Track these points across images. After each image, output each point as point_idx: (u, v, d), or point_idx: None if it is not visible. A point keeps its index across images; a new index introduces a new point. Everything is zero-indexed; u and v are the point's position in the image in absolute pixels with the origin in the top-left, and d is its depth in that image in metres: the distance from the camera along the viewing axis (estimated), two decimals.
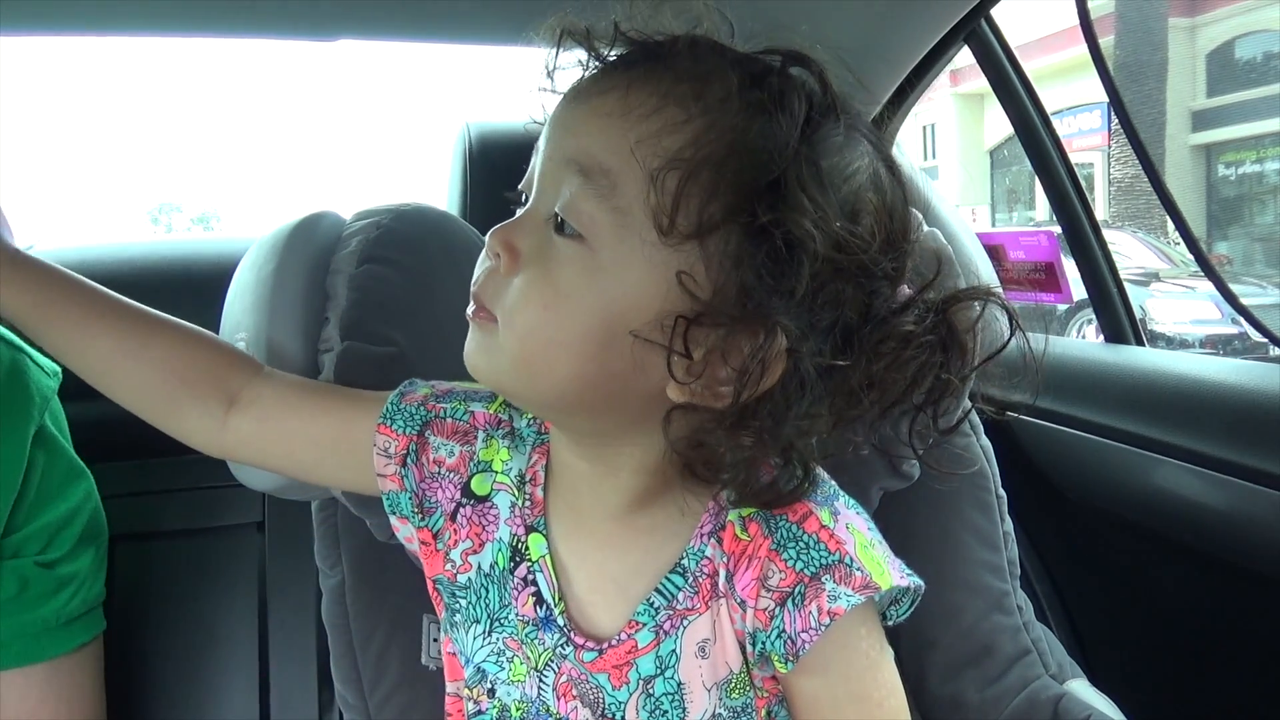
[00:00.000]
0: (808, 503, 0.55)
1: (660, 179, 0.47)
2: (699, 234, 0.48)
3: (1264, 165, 10.36)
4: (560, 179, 0.51)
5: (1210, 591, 1.05)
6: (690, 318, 0.48)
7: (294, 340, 0.76)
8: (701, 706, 0.56)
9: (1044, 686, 0.84)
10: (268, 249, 0.80)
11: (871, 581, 0.53)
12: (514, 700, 0.60)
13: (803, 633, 0.52)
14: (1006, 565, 0.91)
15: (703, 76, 0.49)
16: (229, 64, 79.79)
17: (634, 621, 0.56)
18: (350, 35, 1.22)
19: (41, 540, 0.74)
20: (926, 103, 1.95)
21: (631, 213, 0.49)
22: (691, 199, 0.47)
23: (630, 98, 0.49)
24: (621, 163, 0.49)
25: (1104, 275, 1.27)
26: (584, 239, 0.50)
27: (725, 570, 0.55)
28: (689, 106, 0.48)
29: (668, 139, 0.48)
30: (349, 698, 0.77)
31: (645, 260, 0.49)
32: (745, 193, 0.47)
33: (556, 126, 0.53)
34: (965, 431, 0.94)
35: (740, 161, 0.48)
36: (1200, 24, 10.23)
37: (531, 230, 0.52)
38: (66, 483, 0.77)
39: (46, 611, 0.73)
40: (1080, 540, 1.24)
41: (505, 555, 0.61)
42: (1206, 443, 0.97)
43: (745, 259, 0.48)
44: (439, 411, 0.64)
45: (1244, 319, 4.42)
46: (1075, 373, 1.20)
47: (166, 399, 0.66)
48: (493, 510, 0.62)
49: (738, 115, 0.48)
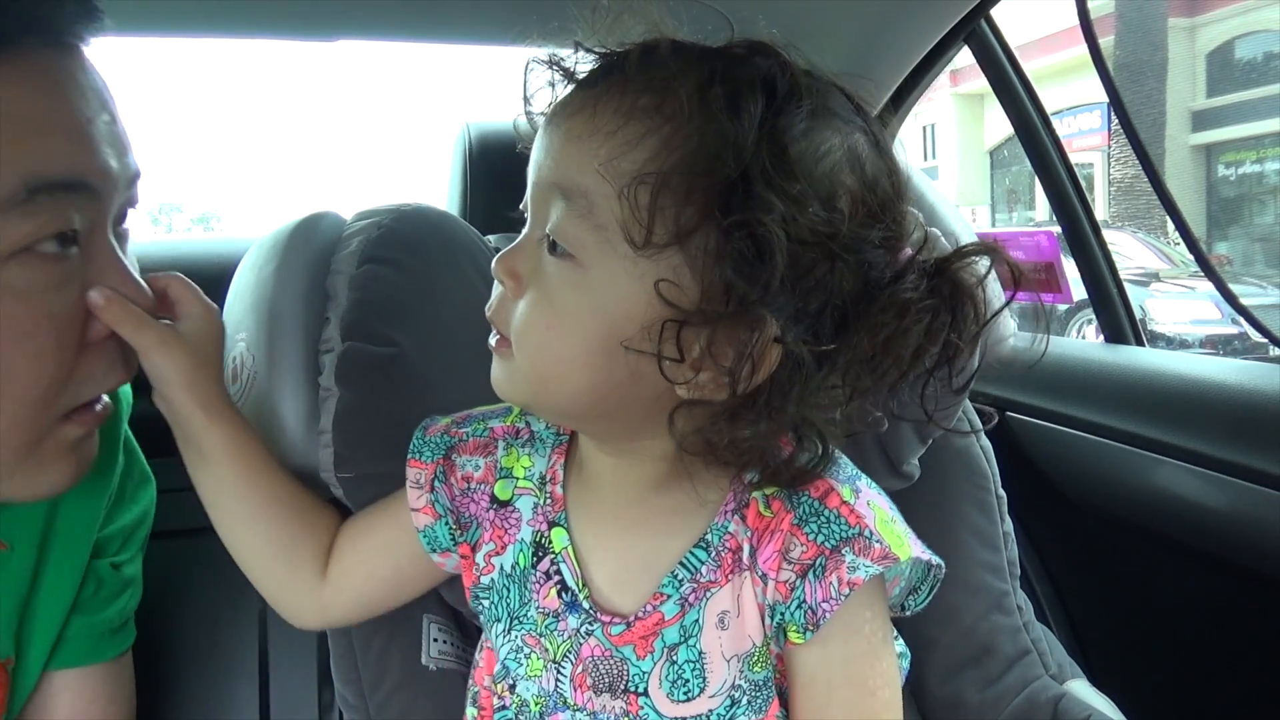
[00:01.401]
0: (829, 480, 0.57)
1: (631, 194, 0.49)
2: (678, 240, 0.49)
3: (1264, 165, 10.37)
4: (547, 202, 0.53)
5: (1210, 591, 1.06)
6: (681, 320, 0.49)
7: (294, 341, 0.76)
8: (720, 677, 0.57)
9: (1044, 687, 0.84)
10: (268, 249, 0.80)
11: (890, 552, 0.54)
12: (532, 695, 0.61)
13: (823, 603, 0.53)
14: (1006, 565, 0.91)
15: (662, 85, 0.50)
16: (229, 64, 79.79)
17: (659, 594, 0.58)
18: (350, 35, 1.22)
19: (118, 542, 0.75)
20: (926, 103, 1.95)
21: (610, 229, 0.50)
22: (666, 208, 0.48)
23: (597, 118, 0.51)
24: (594, 183, 0.50)
25: (1104, 275, 1.28)
26: (574, 258, 0.52)
27: (749, 545, 0.57)
28: (651, 118, 0.50)
29: (634, 154, 0.49)
30: (349, 698, 0.77)
31: (627, 273, 0.50)
32: (715, 192, 0.48)
33: (538, 151, 0.55)
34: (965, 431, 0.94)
35: (706, 163, 0.48)
36: (1200, 24, 10.24)
37: (529, 254, 0.55)
38: (139, 486, 0.78)
39: (111, 612, 0.74)
40: (1080, 540, 1.24)
41: (527, 554, 0.63)
42: (1206, 443, 0.97)
43: (724, 257, 0.49)
44: (461, 436, 0.68)
45: (1244, 319, 4.42)
46: (1075, 373, 1.20)
47: (274, 578, 0.70)
48: (514, 514, 0.64)
49: (698, 117, 0.49)
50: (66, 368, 0.57)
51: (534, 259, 0.54)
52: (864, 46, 1.26)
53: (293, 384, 0.76)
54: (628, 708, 0.58)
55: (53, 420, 0.59)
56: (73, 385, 0.59)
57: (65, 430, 0.60)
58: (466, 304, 0.72)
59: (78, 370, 0.58)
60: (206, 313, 0.67)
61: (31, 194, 0.52)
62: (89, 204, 0.56)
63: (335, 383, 0.75)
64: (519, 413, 0.68)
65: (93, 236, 0.58)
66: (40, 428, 0.58)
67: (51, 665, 0.71)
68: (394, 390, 0.76)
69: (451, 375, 0.77)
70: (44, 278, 0.55)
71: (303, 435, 0.75)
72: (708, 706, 0.57)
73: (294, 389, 0.76)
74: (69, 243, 0.56)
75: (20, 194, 0.52)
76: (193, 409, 0.65)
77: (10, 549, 0.67)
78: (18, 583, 0.68)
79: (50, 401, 0.57)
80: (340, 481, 0.75)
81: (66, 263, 0.56)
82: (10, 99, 0.52)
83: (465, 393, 0.76)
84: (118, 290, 0.59)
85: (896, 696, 0.58)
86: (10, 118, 0.52)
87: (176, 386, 0.64)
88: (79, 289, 0.57)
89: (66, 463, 0.61)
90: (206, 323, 0.67)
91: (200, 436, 0.66)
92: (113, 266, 0.59)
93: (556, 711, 0.60)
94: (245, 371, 0.78)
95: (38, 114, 0.53)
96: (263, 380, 0.76)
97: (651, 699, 0.58)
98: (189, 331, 0.65)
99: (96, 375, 0.60)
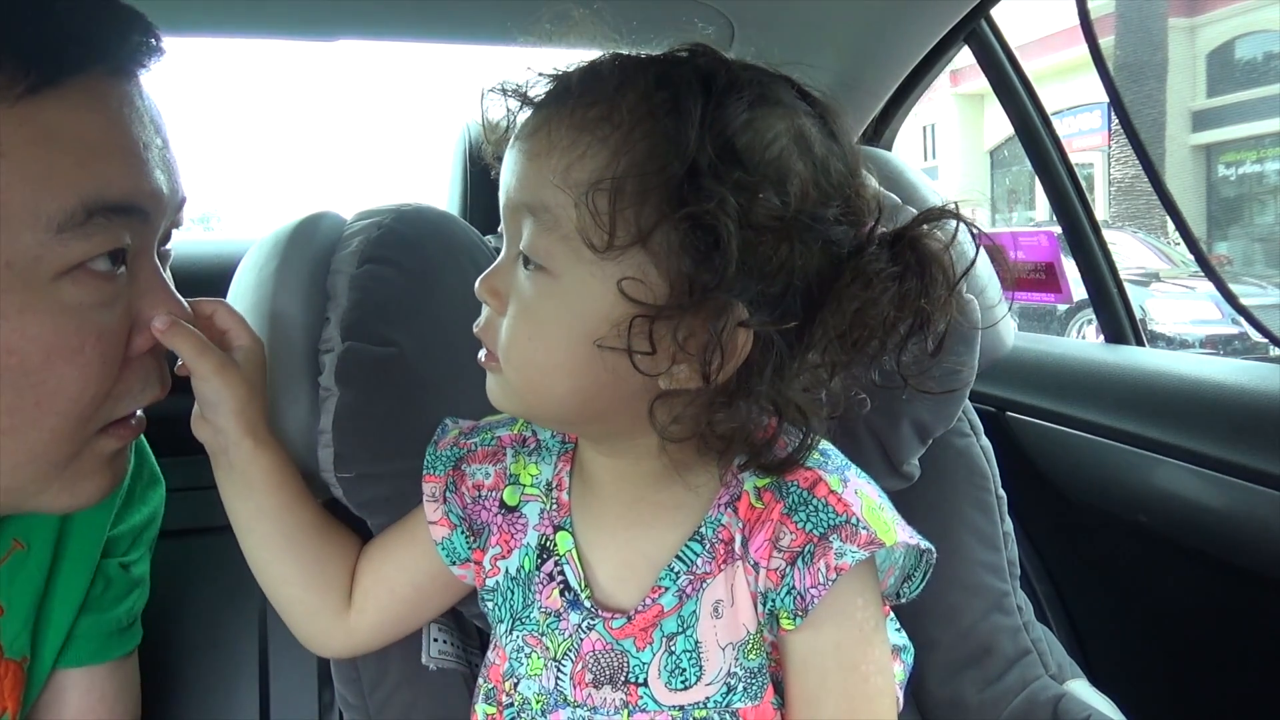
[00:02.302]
0: (818, 470, 0.59)
1: (590, 202, 0.51)
2: (640, 239, 0.51)
3: (1264, 165, 10.36)
4: (518, 221, 0.56)
5: (1210, 591, 1.06)
6: (649, 315, 0.51)
7: (295, 341, 0.76)
8: (716, 665, 0.59)
9: (1044, 687, 0.84)
10: (269, 249, 0.80)
11: (876, 538, 0.56)
12: (533, 693, 0.63)
13: (811, 589, 0.55)
14: (1006, 565, 0.91)
15: (609, 96, 0.52)
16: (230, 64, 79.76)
17: (657, 586, 0.60)
18: (350, 35, 1.22)
19: (127, 541, 0.76)
20: (926, 103, 1.95)
21: (574, 238, 0.52)
22: (624, 210, 0.51)
23: (552, 135, 0.53)
24: (554, 196, 0.53)
25: (1104, 275, 1.28)
26: (546, 270, 0.54)
27: (741, 535, 0.59)
28: (600, 128, 0.52)
29: (588, 164, 0.52)
30: (349, 698, 0.77)
31: (595, 276, 0.52)
32: (668, 190, 0.50)
33: (506, 174, 0.57)
34: (965, 431, 0.94)
35: (656, 163, 0.51)
36: (1200, 24, 10.23)
37: (507, 272, 0.58)
38: (149, 487, 0.78)
39: (119, 612, 0.75)
40: (1080, 540, 1.24)
41: (532, 558, 0.65)
42: (1206, 443, 0.97)
43: (684, 250, 0.51)
44: (469, 446, 0.70)
45: (1244, 319, 4.42)
46: (1075, 373, 1.20)
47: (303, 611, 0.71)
48: (521, 520, 0.67)
49: (645, 121, 0.51)
50: (109, 383, 0.59)
51: (511, 276, 0.57)
52: (864, 46, 1.26)
53: (293, 384, 0.76)
54: (628, 699, 0.60)
55: (91, 434, 0.60)
56: (111, 400, 0.60)
57: (102, 444, 0.62)
58: (466, 304, 0.72)
59: (117, 386, 0.60)
60: (255, 343, 0.69)
61: (89, 215, 0.54)
62: (140, 225, 0.58)
63: (335, 382, 0.75)
64: (523, 422, 0.70)
65: (140, 256, 0.60)
66: (80, 441, 0.60)
67: (60, 663, 0.72)
68: (393, 390, 0.76)
69: (451, 375, 0.77)
70: (94, 295, 0.56)
71: (303, 435, 0.75)
72: (704, 694, 0.59)
73: (294, 389, 0.76)
74: (119, 262, 0.58)
75: (79, 215, 0.54)
76: (242, 435, 0.66)
77: (27, 549, 0.68)
78: (34, 582, 0.69)
79: (91, 416, 0.59)
80: (339, 481, 0.75)
81: (115, 281, 0.58)
82: (75, 124, 0.54)
83: (465, 393, 0.76)
84: (163, 307, 0.61)
85: (890, 684, 0.60)
86: (74, 142, 0.54)
87: (228, 413, 0.65)
88: (124, 307, 0.59)
89: (101, 476, 0.63)
90: (256, 353, 0.69)
91: (246, 464, 0.67)
92: (157, 285, 0.62)
93: (557, 709, 0.62)
94: None
95: (99, 139, 0.55)
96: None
97: (651, 689, 0.60)
98: (242, 360, 0.67)
99: (134, 390, 0.62)
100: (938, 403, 0.83)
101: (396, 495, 0.74)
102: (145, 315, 0.61)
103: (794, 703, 0.59)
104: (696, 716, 0.59)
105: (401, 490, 0.73)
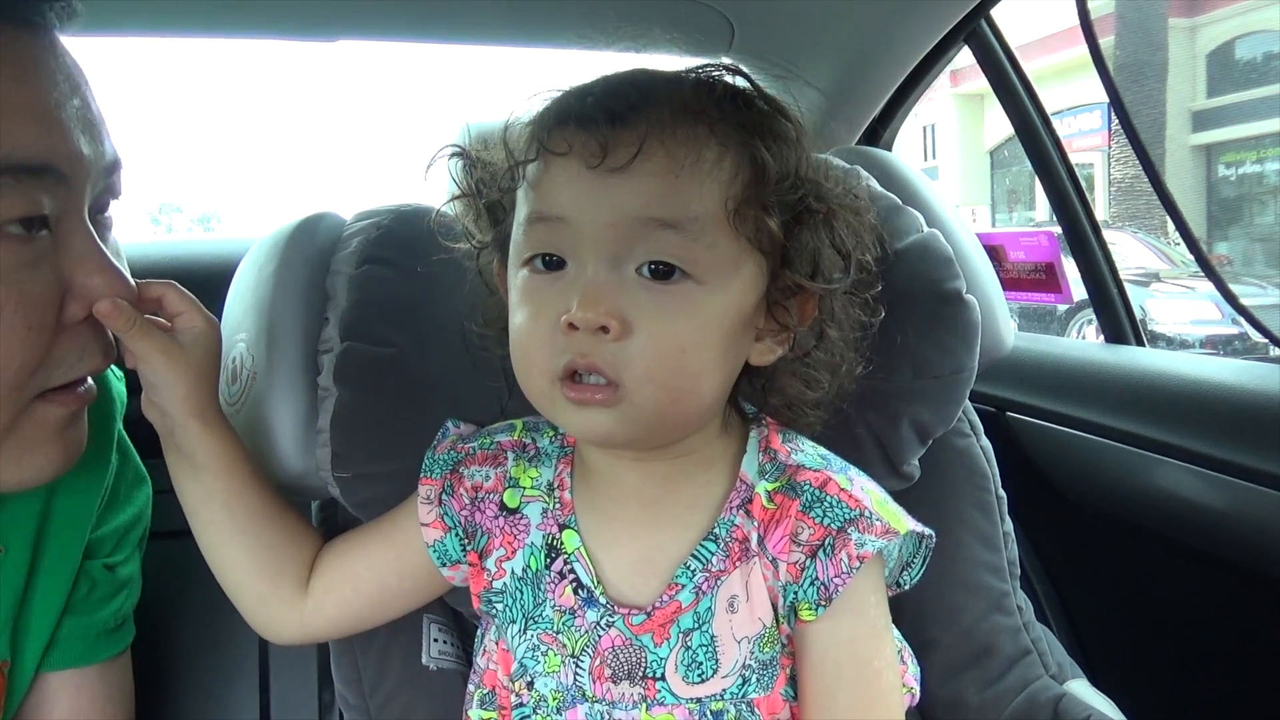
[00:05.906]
0: (826, 471, 0.63)
1: (732, 207, 0.56)
2: (769, 240, 0.58)
3: (1264, 165, 10.36)
4: (637, 236, 0.55)
5: (1210, 591, 1.05)
6: (781, 300, 0.60)
7: (294, 341, 0.76)
8: (732, 658, 0.61)
9: (1044, 687, 0.84)
10: (268, 249, 0.80)
11: (891, 528, 0.60)
12: (550, 690, 0.64)
13: (835, 578, 0.59)
14: (1006, 565, 0.91)
15: (698, 110, 0.57)
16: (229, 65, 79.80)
17: (674, 584, 0.62)
18: (350, 35, 1.22)
19: (111, 543, 0.75)
20: (926, 103, 1.95)
21: (719, 244, 0.56)
22: (758, 210, 0.57)
23: (671, 150, 0.55)
24: (702, 206, 0.56)
25: (1104, 275, 1.28)
26: (691, 276, 0.56)
27: (757, 534, 0.62)
28: (711, 142, 0.56)
29: (722, 174, 0.57)
30: (350, 698, 0.77)
31: (735, 275, 0.58)
32: (780, 192, 0.58)
33: (596, 197, 0.56)
34: (965, 432, 0.94)
35: (766, 172, 0.58)
36: (1200, 24, 10.23)
37: (625, 290, 0.56)
38: (134, 486, 0.78)
39: (106, 614, 0.74)
40: (1080, 540, 1.24)
41: (540, 557, 0.66)
42: (1206, 443, 0.97)
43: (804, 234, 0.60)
44: (468, 450, 0.71)
45: (1244, 319, 4.42)
46: (1075, 373, 1.20)
47: (254, 595, 0.71)
48: (523, 520, 0.67)
49: (743, 132, 0.58)
50: (39, 350, 0.57)
51: (634, 293, 0.55)
52: (864, 46, 1.26)
53: (292, 384, 0.76)
54: (645, 693, 0.61)
55: (27, 401, 0.58)
56: (45, 368, 0.58)
57: (44, 411, 0.60)
58: (465, 305, 0.72)
59: (52, 353, 0.58)
60: (207, 325, 0.67)
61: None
62: (59, 188, 0.56)
63: (334, 382, 0.75)
64: (523, 429, 0.71)
65: (67, 222, 0.58)
66: (14, 409, 0.58)
67: (46, 667, 0.71)
68: (392, 390, 0.76)
69: (450, 375, 0.77)
70: (12, 258, 0.54)
71: (301, 435, 0.75)
72: (721, 686, 0.61)
73: (293, 389, 0.76)
74: (37, 226, 0.56)
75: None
76: (188, 418, 0.66)
77: (5, 551, 0.67)
78: (13, 584, 0.68)
79: (22, 385, 0.57)
80: (337, 481, 0.75)
81: (35, 244, 0.56)
82: None
83: (464, 393, 0.76)
84: (97, 276, 0.59)
85: (898, 681, 0.63)
86: None
87: (173, 396, 0.65)
88: (51, 272, 0.57)
89: (53, 447, 0.61)
90: (206, 335, 0.67)
91: (193, 446, 0.67)
92: (90, 254, 0.59)
93: (575, 704, 0.63)
94: (245, 372, 0.78)
95: (3, 98, 0.53)
96: (262, 380, 0.76)
97: (668, 682, 0.61)
98: (190, 342, 0.66)
99: (70, 359, 0.60)
100: (938, 403, 0.83)
101: (394, 495, 0.74)
102: (78, 282, 0.58)
103: (809, 696, 0.61)
104: (713, 708, 0.61)
105: (399, 490, 0.73)
